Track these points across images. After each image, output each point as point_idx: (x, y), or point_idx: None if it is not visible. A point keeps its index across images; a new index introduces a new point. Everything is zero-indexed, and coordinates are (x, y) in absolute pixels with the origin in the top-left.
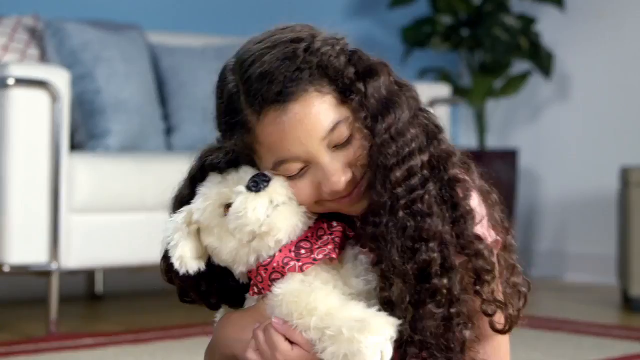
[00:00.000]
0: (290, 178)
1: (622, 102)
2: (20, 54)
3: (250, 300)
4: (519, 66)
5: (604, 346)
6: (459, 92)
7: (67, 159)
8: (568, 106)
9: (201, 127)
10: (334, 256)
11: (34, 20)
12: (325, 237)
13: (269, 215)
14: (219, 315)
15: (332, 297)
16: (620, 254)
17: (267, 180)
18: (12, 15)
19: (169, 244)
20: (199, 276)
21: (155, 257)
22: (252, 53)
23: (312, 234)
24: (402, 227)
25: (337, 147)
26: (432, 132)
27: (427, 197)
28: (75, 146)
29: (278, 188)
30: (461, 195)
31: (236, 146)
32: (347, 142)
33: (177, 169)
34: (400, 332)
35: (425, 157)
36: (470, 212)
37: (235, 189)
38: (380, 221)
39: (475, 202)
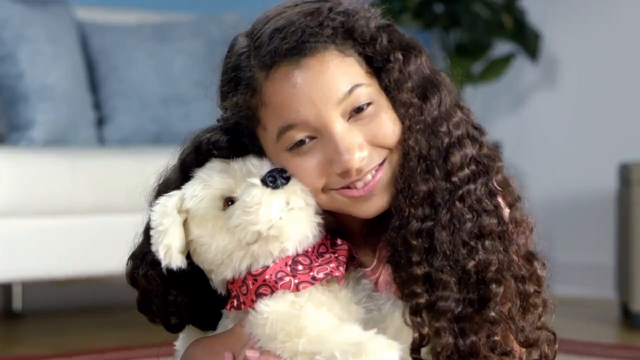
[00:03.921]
0: (296, 154)
1: (618, 88)
2: None
3: (227, 318)
4: (501, 47)
5: None
6: None
7: None
8: (557, 93)
9: (138, 117)
10: (339, 274)
11: None
12: (327, 255)
13: (282, 217)
14: (180, 341)
15: (323, 318)
16: (619, 263)
17: (286, 178)
18: None
19: (154, 228)
20: (169, 282)
21: (86, 267)
22: (267, 14)
23: (312, 250)
24: (460, 221)
25: (354, 118)
26: (473, 135)
27: (480, 191)
28: None
29: (298, 189)
30: (503, 207)
31: (237, 110)
32: (367, 115)
33: (111, 166)
34: (441, 345)
35: (473, 151)
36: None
37: (248, 180)
38: (430, 213)
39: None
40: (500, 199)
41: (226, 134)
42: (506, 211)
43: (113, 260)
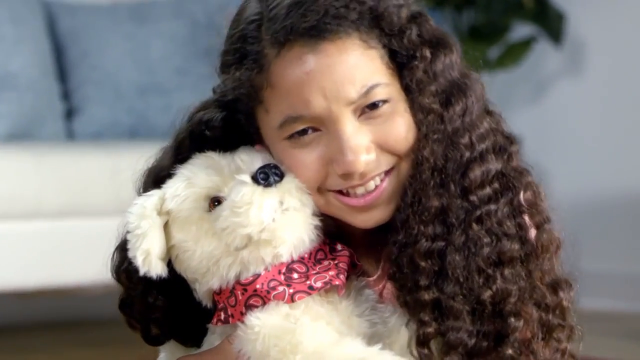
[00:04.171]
0: (296, 144)
1: None
2: None
3: (213, 334)
4: (521, 30)
5: None
6: None
7: None
8: (584, 81)
9: (112, 108)
10: (339, 283)
11: None
12: (326, 262)
13: (275, 219)
14: (163, 353)
15: (322, 332)
16: None
17: (280, 175)
18: None
19: (131, 232)
20: (151, 283)
21: (54, 278)
22: None
23: (309, 256)
24: (476, 245)
25: (366, 116)
26: (502, 145)
27: (503, 212)
28: None
29: (292, 187)
30: (529, 227)
31: (238, 86)
32: (381, 115)
33: (82, 163)
34: None
35: (498, 166)
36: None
37: (236, 177)
38: (442, 233)
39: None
40: (526, 218)
41: (221, 109)
42: (532, 231)
43: (84, 269)
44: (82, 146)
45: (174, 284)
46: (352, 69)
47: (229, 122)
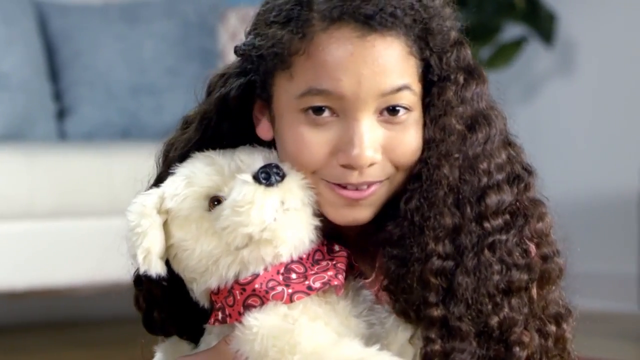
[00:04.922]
0: (309, 121)
1: None
2: None
3: (210, 334)
4: (512, 30)
5: None
6: None
7: None
8: (574, 82)
9: (104, 108)
10: (337, 283)
11: None
12: (324, 263)
13: (276, 219)
14: (159, 353)
15: (320, 332)
16: None
17: (281, 175)
18: None
19: (131, 230)
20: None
21: (46, 279)
22: None
23: (307, 257)
24: (487, 271)
25: (385, 119)
26: (519, 175)
27: (512, 242)
28: None
29: (294, 187)
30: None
31: (272, 43)
32: (398, 122)
33: (74, 163)
34: None
35: (513, 197)
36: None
37: (238, 176)
38: (452, 252)
39: None
40: (532, 247)
41: (238, 76)
42: (537, 258)
43: (76, 270)
44: (74, 146)
45: (171, 283)
46: (393, 64)
47: (246, 88)
